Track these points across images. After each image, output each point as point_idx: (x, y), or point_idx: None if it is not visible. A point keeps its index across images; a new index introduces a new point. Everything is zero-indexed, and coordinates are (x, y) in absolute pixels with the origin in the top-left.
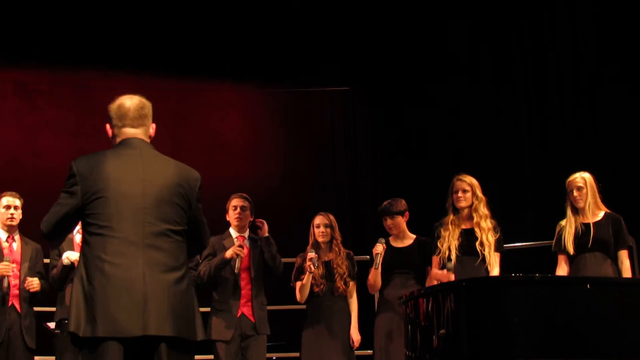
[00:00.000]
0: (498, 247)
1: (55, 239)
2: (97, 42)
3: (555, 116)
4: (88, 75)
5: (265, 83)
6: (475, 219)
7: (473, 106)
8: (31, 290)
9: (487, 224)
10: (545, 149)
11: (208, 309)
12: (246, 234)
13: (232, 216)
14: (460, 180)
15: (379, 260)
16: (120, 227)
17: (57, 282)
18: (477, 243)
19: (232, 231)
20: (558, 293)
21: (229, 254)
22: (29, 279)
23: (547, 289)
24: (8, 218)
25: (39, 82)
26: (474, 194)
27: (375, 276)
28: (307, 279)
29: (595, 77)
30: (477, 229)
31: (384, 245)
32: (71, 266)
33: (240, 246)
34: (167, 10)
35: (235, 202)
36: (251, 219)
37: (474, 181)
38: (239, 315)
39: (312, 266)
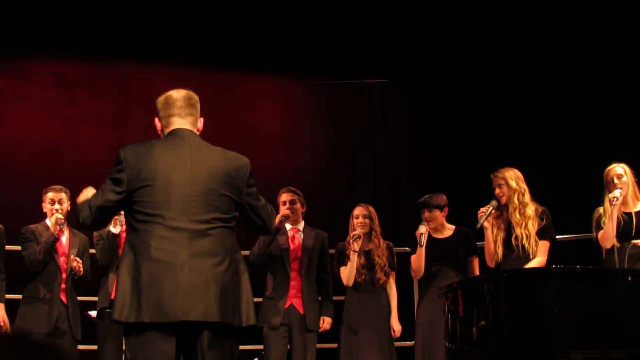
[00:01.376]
0: (544, 235)
1: (94, 226)
2: (136, 33)
3: (594, 109)
4: (127, 66)
5: (304, 75)
6: (510, 210)
7: (514, 99)
8: (76, 267)
9: (525, 214)
10: (584, 141)
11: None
12: (300, 226)
13: (282, 212)
14: (495, 176)
15: (423, 239)
16: (167, 215)
17: (104, 254)
18: (513, 237)
19: (286, 225)
20: (599, 285)
21: (277, 220)
22: (76, 259)
23: (588, 281)
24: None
25: (79, 74)
26: (508, 185)
27: (419, 259)
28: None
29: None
30: (512, 221)
31: (427, 226)
32: (119, 235)
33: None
34: (205, 2)
35: (284, 197)
36: (303, 210)
37: (507, 173)
38: (287, 305)
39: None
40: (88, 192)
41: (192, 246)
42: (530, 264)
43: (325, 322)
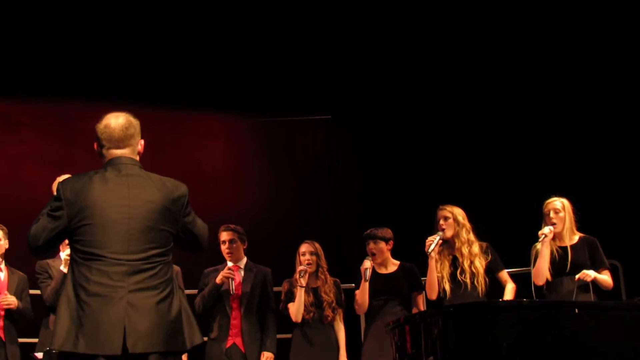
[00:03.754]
0: (497, 267)
1: (45, 254)
2: (78, 73)
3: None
4: (70, 106)
5: (248, 112)
6: (457, 245)
7: (456, 133)
8: (6, 307)
9: (471, 250)
10: (526, 175)
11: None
12: (242, 263)
13: (223, 251)
14: (441, 209)
15: (368, 274)
16: (106, 252)
17: (54, 295)
18: (458, 272)
19: (229, 262)
20: (546, 317)
21: (218, 279)
22: (6, 294)
23: (535, 314)
24: None
25: (21, 114)
26: (455, 220)
27: (363, 294)
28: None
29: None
30: (459, 256)
31: (371, 261)
32: None
33: (230, 270)
34: (148, 41)
35: (224, 235)
36: (244, 246)
37: (456, 209)
38: (229, 345)
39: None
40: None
41: (130, 280)
42: (507, 293)
43: (265, 358)
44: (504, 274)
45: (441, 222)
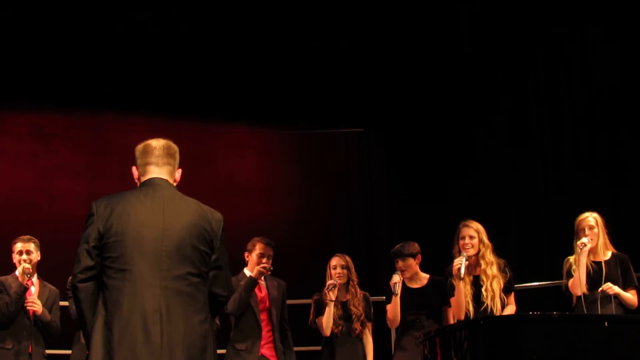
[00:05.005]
0: (510, 288)
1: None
2: (111, 85)
3: (570, 158)
4: (103, 118)
5: (281, 125)
6: (482, 266)
7: (488, 148)
8: (30, 308)
9: (492, 271)
10: (560, 192)
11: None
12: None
13: (256, 262)
14: (466, 226)
15: (397, 288)
16: (138, 271)
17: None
18: (483, 289)
19: (247, 272)
20: (576, 331)
21: (255, 273)
22: (34, 298)
23: (566, 327)
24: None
25: (54, 125)
26: (480, 240)
27: (394, 308)
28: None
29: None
30: (483, 277)
31: (400, 276)
32: None
33: (265, 267)
34: (181, 54)
35: (263, 249)
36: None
37: (480, 227)
38: (258, 356)
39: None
40: None
41: (164, 303)
42: (506, 311)
43: None
44: (512, 297)
45: (467, 240)
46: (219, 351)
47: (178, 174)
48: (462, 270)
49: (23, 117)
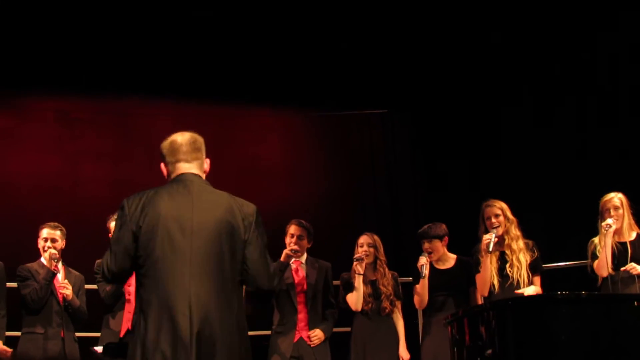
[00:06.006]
0: (536, 268)
1: (124, 278)
2: (136, 69)
3: (595, 138)
4: (128, 102)
5: (304, 107)
6: (506, 241)
7: (514, 130)
8: (63, 292)
9: (518, 245)
10: (584, 171)
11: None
12: (303, 259)
13: (288, 243)
14: (489, 206)
15: (425, 270)
16: (169, 271)
17: (109, 298)
18: (508, 265)
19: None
20: (605, 311)
21: (282, 256)
22: (65, 283)
23: (594, 307)
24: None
25: (80, 110)
26: (505, 216)
27: (422, 289)
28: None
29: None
30: (508, 252)
31: (427, 257)
32: None
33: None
34: (206, 36)
35: (293, 229)
36: (309, 246)
37: (504, 204)
38: (296, 339)
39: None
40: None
41: (194, 304)
42: (529, 291)
43: (315, 333)
44: (538, 279)
45: (493, 219)
46: (261, 333)
47: (207, 164)
48: (491, 246)
49: (48, 102)
